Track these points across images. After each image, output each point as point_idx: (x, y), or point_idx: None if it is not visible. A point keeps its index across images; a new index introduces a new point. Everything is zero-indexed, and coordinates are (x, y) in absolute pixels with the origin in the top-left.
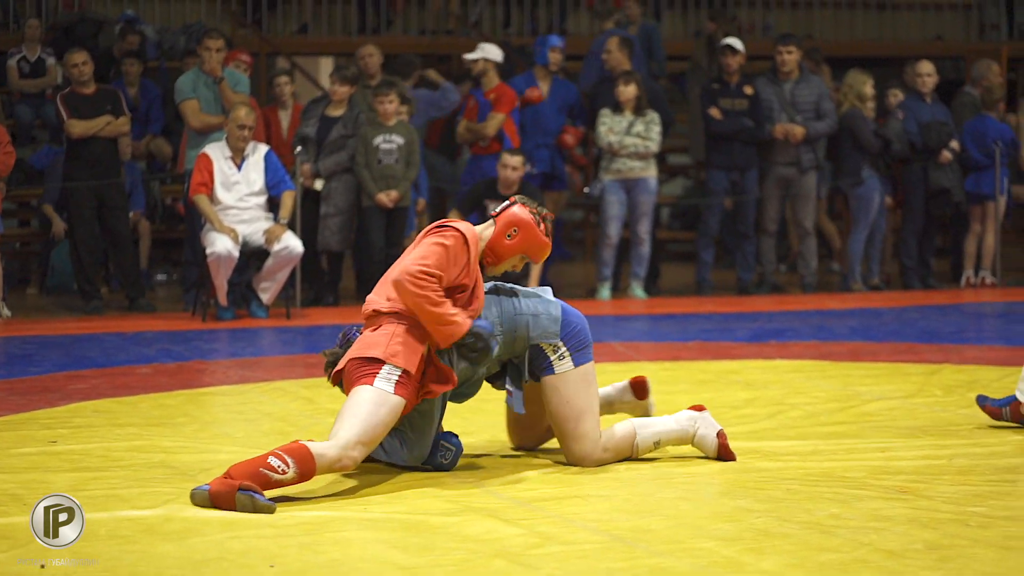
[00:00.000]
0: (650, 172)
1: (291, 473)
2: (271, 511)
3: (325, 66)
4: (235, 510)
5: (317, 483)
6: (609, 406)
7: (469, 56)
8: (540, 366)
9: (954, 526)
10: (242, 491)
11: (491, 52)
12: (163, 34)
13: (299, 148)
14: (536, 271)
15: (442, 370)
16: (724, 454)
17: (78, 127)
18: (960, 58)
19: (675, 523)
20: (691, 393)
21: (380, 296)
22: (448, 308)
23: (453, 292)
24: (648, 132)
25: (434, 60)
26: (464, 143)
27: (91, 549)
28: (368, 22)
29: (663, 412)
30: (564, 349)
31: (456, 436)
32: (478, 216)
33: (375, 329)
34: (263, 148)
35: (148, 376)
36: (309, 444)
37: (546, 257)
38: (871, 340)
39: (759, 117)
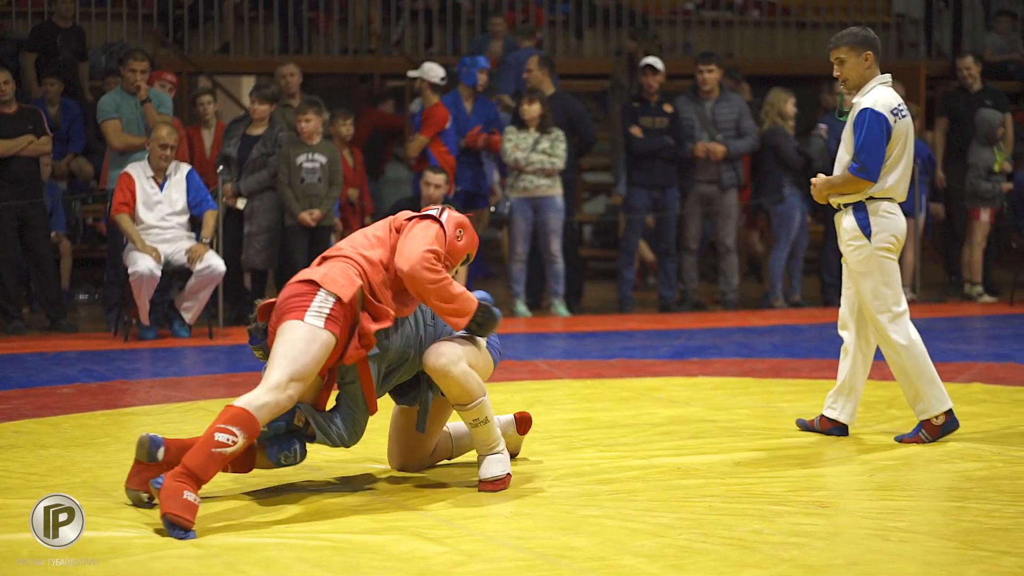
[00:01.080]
0: (556, 190)
1: (241, 440)
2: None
3: (247, 85)
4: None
5: (241, 503)
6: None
7: (411, 73)
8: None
9: (875, 541)
10: (166, 519)
11: (428, 71)
12: None
13: (221, 167)
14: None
15: (379, 309)
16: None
17: None
18: None
19: (598, 540)
20: (613, 411)
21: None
22: (458, 288)
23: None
24: (554, 149)
25: (356, 79)
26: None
27: (12, 570)
28: (290, 41)
29: (583, 429)
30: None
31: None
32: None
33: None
34: (185, 167)
35: (70, 396)
36: (243, 404)
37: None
38: (793, 357)
39: (680, 135)
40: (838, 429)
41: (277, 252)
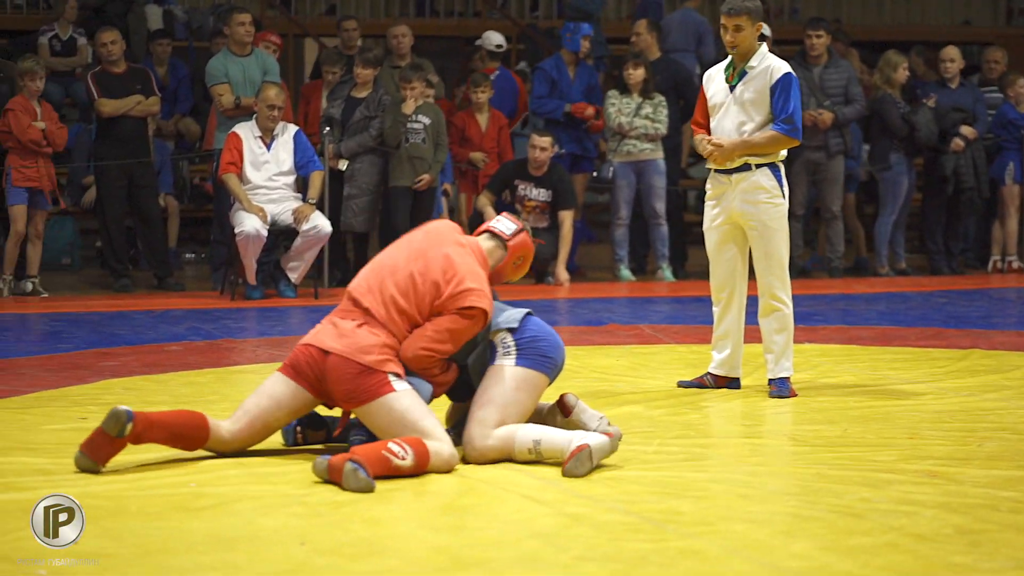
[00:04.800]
0: (659, 154)
1: (409, 460)
2: (370, 489)
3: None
4: (340, 481)
5: None
6: (541, 420)
7: (478, 42)
8: (490, 359)
9: (984, 511)
10: (351, 462)
11: (485, 39)
12: (192, 14)
13: (327, 129)
14: (563, 254)
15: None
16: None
17: (108, 106)
18: (988, 43)
19: (705, 505)
20: None
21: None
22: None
23: None
24: (657, 115)
25: (461, 43)
26: None
27: (121, 525)
28: (397, 3)
29: (688, 393)
30: (512, 346)
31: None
32: (510, 194)
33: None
34: (292, 128)
35: (177, 354)
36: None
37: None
38: (898, 325)
39: None
40: (732, 383)
41: (377, 215)
